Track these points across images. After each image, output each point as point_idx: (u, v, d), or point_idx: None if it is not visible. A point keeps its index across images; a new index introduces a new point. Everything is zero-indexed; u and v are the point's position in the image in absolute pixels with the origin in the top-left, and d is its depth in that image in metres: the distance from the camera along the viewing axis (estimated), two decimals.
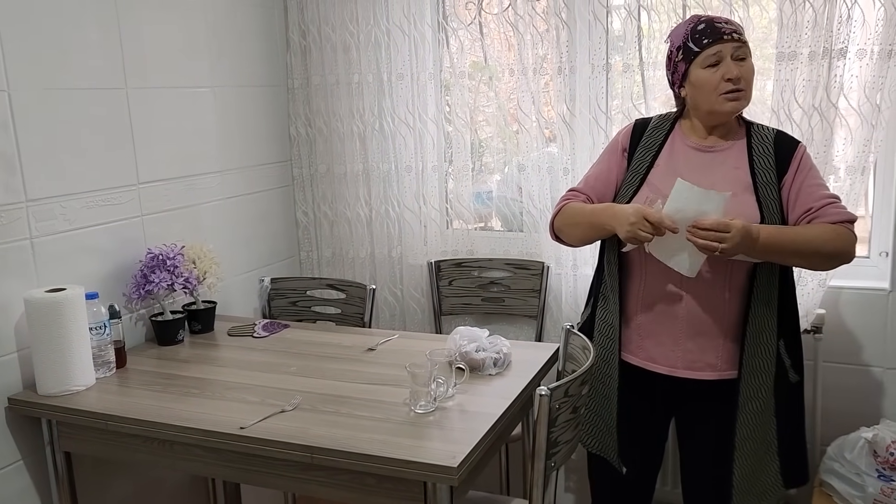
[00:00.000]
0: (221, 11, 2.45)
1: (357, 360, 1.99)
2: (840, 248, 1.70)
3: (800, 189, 1.76)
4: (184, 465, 1.71)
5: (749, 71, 1.75)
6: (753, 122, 1.86)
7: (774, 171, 1.78)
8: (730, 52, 1.74)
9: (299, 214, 2.83)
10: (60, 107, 1.93)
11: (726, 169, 1.80)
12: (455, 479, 1.39)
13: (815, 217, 1.72)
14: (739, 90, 1.74)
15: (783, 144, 1.80)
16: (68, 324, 1.78)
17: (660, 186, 1.80)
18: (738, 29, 1.76)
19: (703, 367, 1.81)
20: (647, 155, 1.87)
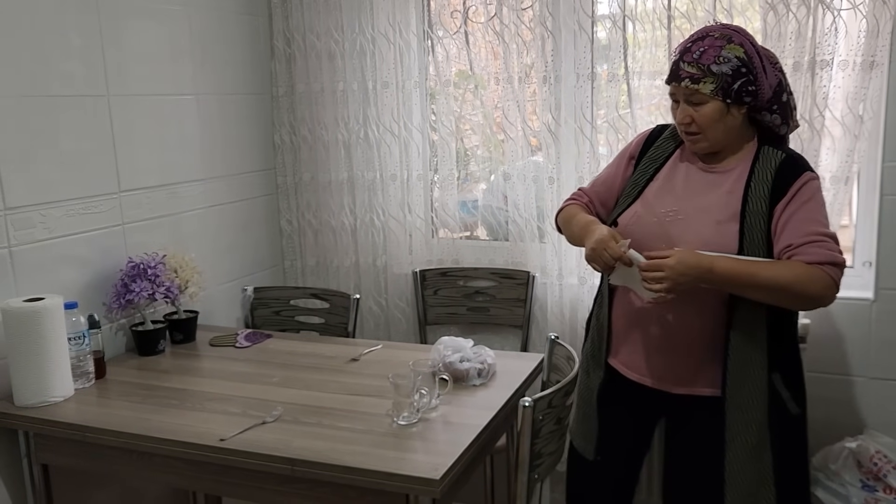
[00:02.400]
0: (206, 18, 2.43)
1: (340, 371, 1.97)
2: (812, 291, 1.58)
3: (787, 221, 1.64)
4: (164, 477, 1.69)
5: (703, 117, 1.65)
6: (767, 146, 1.71)
7: (768, 199, 1.66)
8: (682, 95, 1.67)
9: (283, 223, 2.81)
10: (40, 114, 1.91)
11: (720, 193, 1.72)
12: (437, 491, 1.38)
13: (794, 254, 1.60)
14: (693, 133, 1.69)
15: (786, 171, 1.66)
16: (47, 334, 1.75)
17: (653, 203, 1.76)
18: (701, 71, 1.62)
19: (673, 382, 1.75)
20: (650, 167, 1.82)
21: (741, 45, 1.63)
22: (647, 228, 1.72)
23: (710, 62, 1.62)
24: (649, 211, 1.74)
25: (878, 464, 2.04)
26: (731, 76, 1.62)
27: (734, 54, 1.62)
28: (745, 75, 1.63)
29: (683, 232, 1.68)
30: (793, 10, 2.01)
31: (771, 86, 1.68)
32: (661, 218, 1.72)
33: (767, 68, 1.67)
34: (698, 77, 1.63)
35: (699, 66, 1.63)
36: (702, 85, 1.62)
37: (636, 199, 1.79)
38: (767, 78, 1.67)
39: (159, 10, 2.26)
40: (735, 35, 1.65)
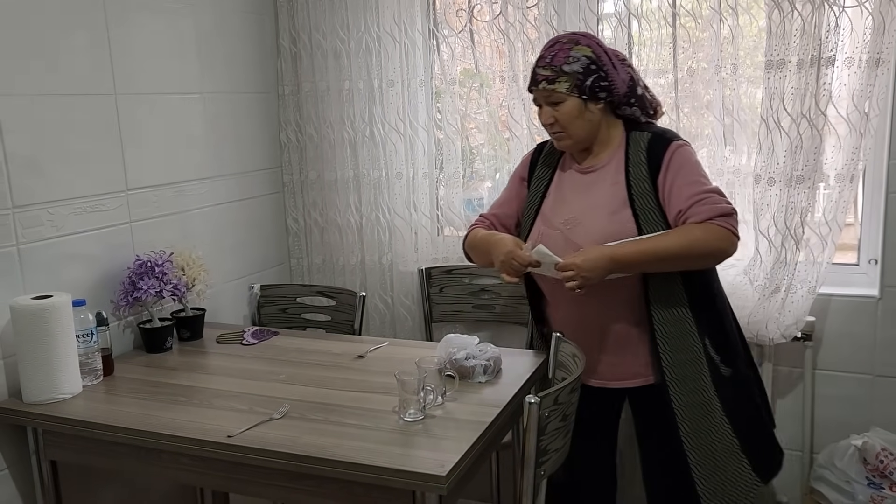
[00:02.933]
0: (212, 17, 2.44)
1: (346, 368, 1.98)
2: (712, 246, 1.70)
3: (670, 190, 1.77)
4: (171, 474, 1.70)
5: (564, 115, 1.80)
6: (633, 131, 1.87)
7: (649, 178, 1.80)
8: (542, 97, 1.83)
9: (289, 221, 2.82)
10: (48, 113, 1.92)
11: (605, 187, 1.84)
12: (444, 487, 1.38)
13: (686, 218, 1.73)
14: (557, 132, 1.83)
15: (656, 147, 1.82)
16: (55, 331, 1.76)
17: (551, 217, 1.89)
18: (555, 72, 1.77)
19: (631, 375, 1.88)
20: (540, 185, 1.96)
21: (588, 45, 1.80)
22: (553, 242, 1.82)
23: (561, 63, 1.78)
24: (550, 225, 1.88)
25: (884, 461, 2.03)
26: (582, 74, 1.78)
27: (582, 54, 1.79)
28: (596, 72, 1.78)
29: (585, 234, 1.81)
30: (798, 8, 2.01)
31: (624, 81, 1.84)
32: (562, 229, 1.86)
33: (617, 65, 1.83)
34: (553, 78, 1.78)
35: (552, 68, 1.79)
36: (557, 84, 1.78)
37: (536, 218, 1.92)
38: (619, 73, 1.82)
39: (166, 8, 2.27)
40: (582, 38, 1.83)
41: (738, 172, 2.23)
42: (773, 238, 2.14)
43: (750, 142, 2.21)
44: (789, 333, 2.17)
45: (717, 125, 2.21)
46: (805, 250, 2.14)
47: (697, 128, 2.25)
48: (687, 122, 2.24)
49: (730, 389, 1.83)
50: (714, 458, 1.81)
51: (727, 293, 2.20)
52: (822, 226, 2.11)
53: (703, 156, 2.28)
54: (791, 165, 2.09)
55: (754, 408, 1.90)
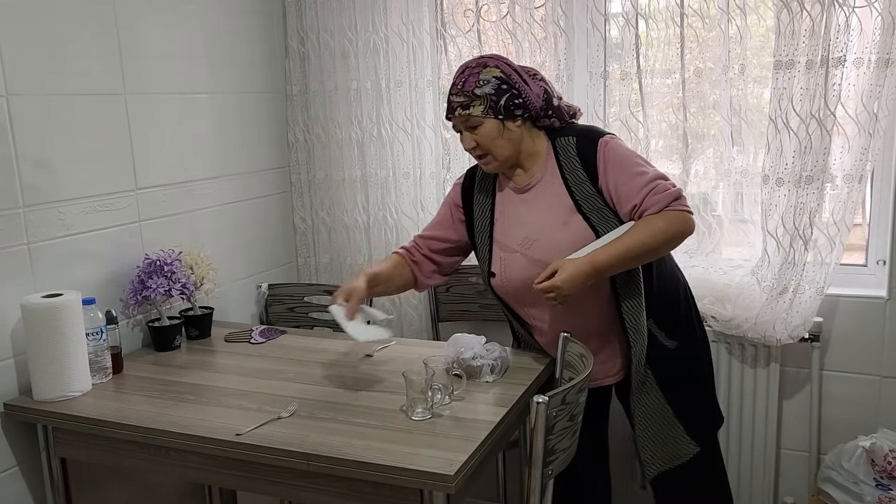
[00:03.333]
0: (220, 17, 2.45)
1: (354, 367, 1.98)
2: (675, 231, 1.76)
3: (616, 188, 1.79)
4: (180, 471, 1.71)
5: (483, 137, 1.81)
6: (558, 137, 1.88)
7: (588, 181, 1.82)
8: (460, 124, 1.84)
9: (297, 220, 2.83)
10: (58, 112, 1.93)
11: (548, 199, 1.87)
12: (452, 486, 1.39)
13: (643, 211, 1.76)
14: (482, 156, 1.85)
15: (585, 149, 1.83)
16: (65, 329, 1.77)
17: (506, 242, 1.91)
18: (468, 97, 1.79)
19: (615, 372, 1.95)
20: (484, 212, 1.97)
21: (496, 66, 1.82)
22: (518, 265, 1.87)
23: (472, 88, 1.80)
24: (508, 250, 1.90)
25: (893, 462, 2.03)
26: (494, 94, 1.79)
27: (492, 75, 1.80)
28: (508, 90, 1.80)
29: (544, 250, 1.83)
30: (807, 8, 2.00)
31: (538, 95, 1.85)
32: (521, 251, 1.88)
33: (529, 81, 1.84)
34: (466, 103, 1.80)
35: (464, 93, 1.80)
36: (472, 109, 1.80)
37: (492, 246, 1.94)
38: (532, 89, 1.84)
39: (175, 8, 2.28)
40: (490, 60, 1.84)
41: (746, 173, 2.23)
42: (780, 238, 2.14)
43: (757, 142, 2.21)
44: (797, 334, 2.17)
45: (724, 125, 2.21)
46: (813, 251, 2.14)
47: (704, 128, 2.25)
48: (693, 121, 2.24)
49: (669, 361, 1.91)
50: (652, 426, 1.92)
51: (734, 294, 2.22)
52: (831, 226, 2.11)
53: (709, 156, 2.28)
54: (800, 166, 2.08)
55: (693, 377, 1.97)
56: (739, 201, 2.27)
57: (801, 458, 2.32)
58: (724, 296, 2.24)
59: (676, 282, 1.98)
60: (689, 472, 1.94)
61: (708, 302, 2.26)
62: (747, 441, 2.32)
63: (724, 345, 2.30)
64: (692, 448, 1.93)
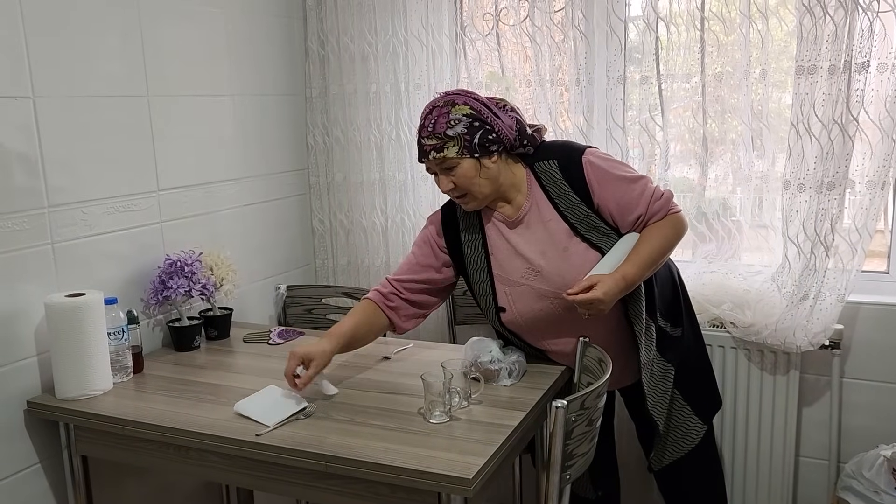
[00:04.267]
0: (242, 21, 2.47)
1: (372, 369, 1.99)
2: (679, 234, 1.82)
3: (614, 202, 1.80)
4: (199, 470, 1.72)
5: (461, 178, 1.77)
6: (536, 162, 1.85)
7: (582, 202, 1.81)
8: (435, 167, 1.79)
9: (315, 222, 2.85)
10: (83, 113, 1.95)
11: (542, 228, 1.84)
12: (470, 490, 1.39)
13: (648, 219, 1.80)
14: (461, 196, 1.81)
15: (570, 170, 1.81)
16: (87, 328, 1.80)
17: (509, 276, 1.87)
18: (440, 139, 1.74)
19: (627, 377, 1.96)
20: (477, 250, 1.91)
21: (465, 103, 1.76)
22: (528, 297, 1.85)
23: (443, 129, 1.74)
24: (512, 284, 1.87)
25: None
26: (468, 133, 1.74)
27: (462, 113, 1.74)
28: (480, 127, 1.75)
29: (549, 279, 1.82)
30: (830, 13, 1.99)
31: (511, 127, 1.81)
32: (526, 282, 1.85)
33: (500, 114, 1.80)
34: (440, 146, 1.75)
35: (436, 136, 1.75)
36: (446, 151, 1.74)
37: (494, 283, 1.89)
38: (504, 121, 1.79)
39: (197, 12, 2.30)
40: (457, 97, 1.78)
41: (766, 178, 2.21)
42: (801, 245, 2.12)
43: (776, 147, 2.19)
44: (817, 341, 2.15)
45: (744, 130, 2.20)
46: (834, 257, 2.12)
47: (723, 132, 2.24)
48: (713, 126, 2.23)
49: (675, 348, 1.94)
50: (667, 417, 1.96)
51: (754, 300, 2.21)
52: (852, 233, 2.09)
53: (727, 160, 2.27)
54: (822, 172, 2.07)
55: (697, 361, 2.02)
56: (759, 206, 2.25)
57: (820, 467, 2.30)
58: (743, 302, 2.23)
59: (669, 272, 2.01)
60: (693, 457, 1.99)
61: (727, 308, 2.25)
62: (766, 448, 2.30)
63: (743, 351, 2.28)
64: (700, 428, 1.97)
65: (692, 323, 2.04)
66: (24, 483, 1.84)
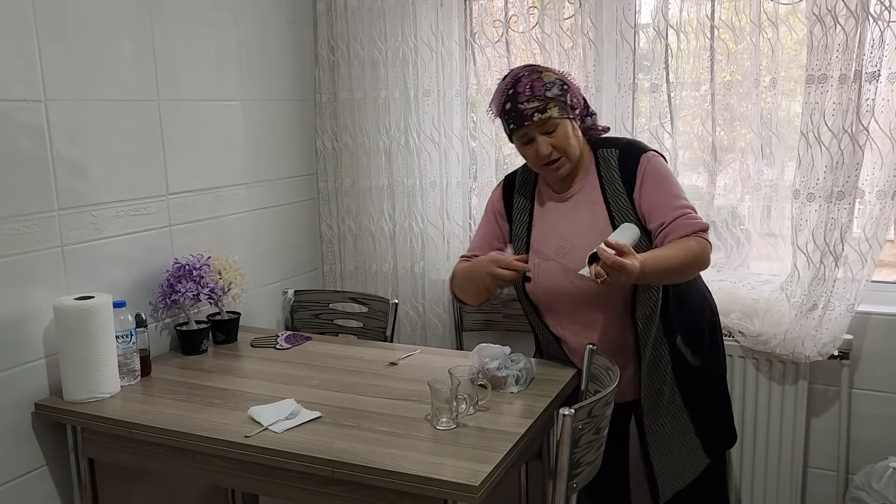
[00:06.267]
0: (252, 26, 2.49)
1: (379, 375, 1.99)
2: (702, 258, 1.79)
3: (650, 202, 1.81)
4: (205, 474, 1.72)
5: (561, 139, 1.80)
6: (600, 148, 1.89)
7: (625, 193, 1.83)
8: (537, 131, 1.80)
9: (323, 227, 2.85)
10: (94, 117, 1.97)
11: (586, 209, 1.87)
12: (477, 498, 1.39)
13: (668, 232, 1.78)
14: (556, 160, 1.82)
15: (627, 161, 1.85)
16: (96, 331, 1.80)
17: (542, 249, 1.91)
18: (542, 101, 1.77)
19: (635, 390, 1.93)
20: (522, 217, 1.97)
21: (548, 70, 1.84)
22: (553, 273, 1.88)
23: (542, 91, 1.79)
24: (543, 257, 1.90)
25: None
26: (562, 95, 1.80)
27: (552, 78, 1.81)
28: (568, 90, 1.83)
29: (580, 261, 1.78)
30: (840, 22, 1.98)
31: (579, 95, 1.89)
32: (556, 258, 1.89)
33: (570, 83, 1.87)
34: (542, 107, 1.78)
35: (537, 98, 1.78)
36: (549, 111, 1.78)
37: (528, 252, 1.94)
38: (575, 88, 1.88)
39: (208, 17, 2.31)
40: (537, 67, 1.85)
41: (776, 187, 2.20)
42: (811, 254, 2.11)
43: (786, 156, 2.19)
44: (826, 351, 2.14)
45: (753, 138, 2.19)
46: (844, 267, 2.11)
47: (732, 140, 2.24)
48: (722, 134, 2.23)
49: (695, 379, 1.92)
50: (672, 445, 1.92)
51: (762, 310, 2.20)
52: (862, 242, 2.08)
53: (735, 168, 2.26)
54: (831, 181, 2.06)
55: (714, 395, 2.00)
56: (768, 215, 2.25)
57: (829, 478, 2.28)
58: (752, 311, 2.22)
59: (704, 303, 1.99)
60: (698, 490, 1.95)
61: (735, 317, 2.24)
62: (774, 459, 2.29)
63: (751, 361, 2.27)
64: (704, 460, 1.94)
65: (716, 358, 2.00)
66: (30, 485, 1.85)
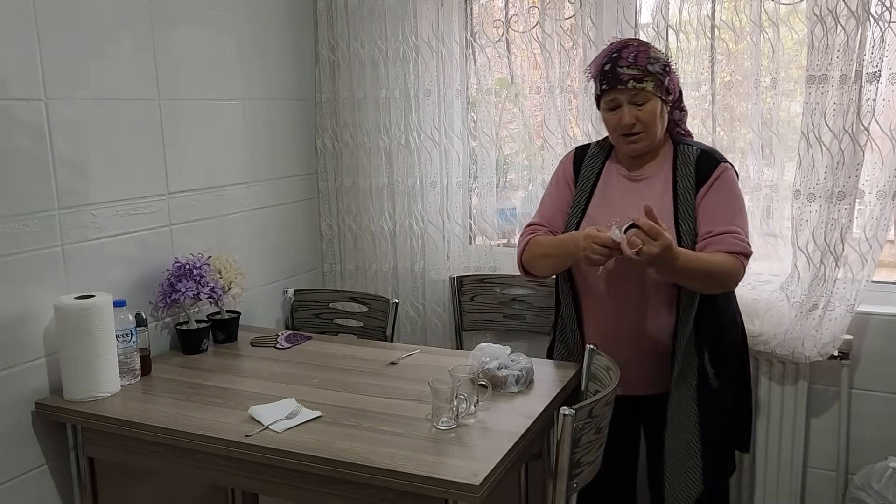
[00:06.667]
0: (252, 25, 2.48)
1: (379, 374, 1.99)
2: (734, 278, 1.78)
3: (709, 207, 1.81)
4: (204, 473, 1.72)
5: (648, 114, 1.80)
6: (681, 142, 1.90)
7: (694, 189, 1.83)
8: (626, 98, 1.80)
9: (324, 227, 2.85)
10: (94, 116, 1.96)
11: (653, 195, 1.86)
12: (477, 497, 1.39)
13: (712, 242, 1.77)
14: (635, 134, 1.82)
15: (705, 162, 1.85)
16: (96, 331, 1.80)
17: (596, 219, 1.90)
18: (641, 71, 1.76)
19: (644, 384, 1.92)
20: (586, 185, 1.96)
21: (657, 49, 1.84)
22: None
23: (645, 63, 1.78)
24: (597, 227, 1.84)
25: None
26: (661, 74, 1.80)
27: (658, 55, 1.82)
28: (668, 74, 1.82)
29: None
30: (841, 23, 1.99)
31: (677, 85, 1.89)
32: None
33: (672, 71, 1.87)
34: (640, 77, 1.77)
35: (637, 67, 1.77)
36: (645, 83, 1.78)
37: (582, 219, 1.92)
38: (676, 78, 1.88)
39: (208, 16, 2.31)
40: (648, 43, 1.85)
41: (776, 187, 2.20)
42: (811, 254, 2.11)
43: (785, 156, 2.19)
44: (826, 351, 2.14)
45: (754, 139, 2.19)
46: (844, 267, 2.11)
47: (731, 140, 2.24)
48: (722, 133, 2.23)
49: (712, 401, 1.89)
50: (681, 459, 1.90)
51: (762, 310, 2.20)
52: (863, 243, 2.08)
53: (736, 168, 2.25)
54: (832, 181, 2.06)
55: (728, 422, 1.96)
56: (768, 215, 2.25)
57: (828, 478, 2.28)
58: (752, 311, 2.22)
59: (735, 326, 1.97)
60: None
61: None
62: (773, 459, 2.29)
63: (751, 361, 2.27)
64: (698, 488, 1.90)
65: (737, 385, 1.98)
66: (30, 484, 1.85)
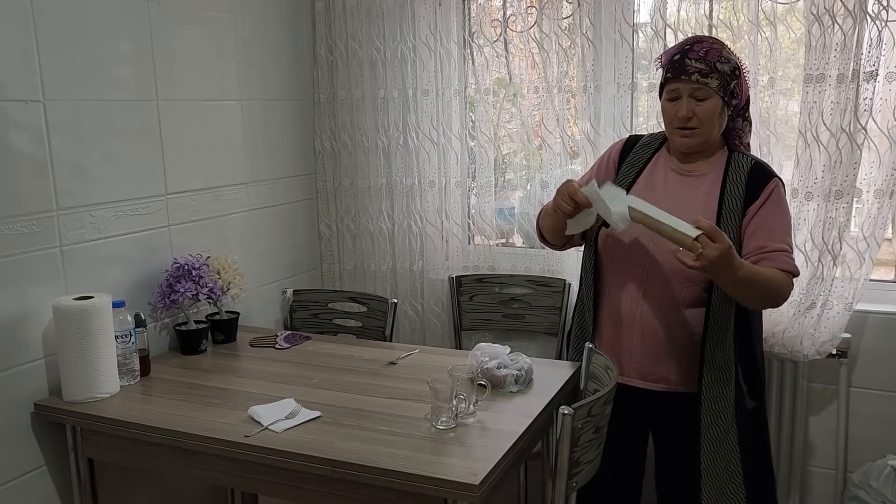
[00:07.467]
0: (250, 26, 2.49)
1: (378, 374, 1.99)
2: (779, 295, 1.75)
3: (761, 223, 1.77)
4: (204, 474, 1.72)
5: (706, 111, 1.76)
6: (736, 150, 1.87)
7: (742, 199, 1.79)
8: (688, 91, 1.77)
9: (322, 227, 2.85)
10: (93, 117, 1.96)
11: (699, 194, 1.84)
12: (477, 496, 1.39)
13: (765, 258, 1.73)
14: (690, 128, 1.79)
15: (757, 175, 1.81)
16: (95, 331, 1.80)
17: None
18: (709, 67, 1.73)
19: (655, 379, 1.86)
20: (630, 171, 1.94)
21: (731, 51, 1.81)
22: (638, 232, 1.80)
23: (715, 60, 1.75)
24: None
25: None
26: (729, 76, 1.76)
27: (730, 56, 1.78)
28: (737, 77, 1.78)
29: None
30: (838, 22, 1.99)
31: (746, 93, 1.85)
32: None
33: (743, 76, 1.83)
34: (706, 72, 1.74)
35: (706, 62, 1.75)
36: (710, 80, 1.74)
37: None
38: (745, 85, 1.84)
39: (207, 17, 2.31)
40: (724, 43, 1.81)
41: None
42: (809, 253, 2.12)
43: (783, 155, 2.19)
44: (824, 350, 2.15)
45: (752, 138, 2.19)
46: (842, 266, 2.12)
47: None
48: None
49: (748, 421, 1.84)
50: (720, 481, 1.83)
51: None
52: (860, 241, 2.09)
53: None
54: (829, 180, 2.07)
55: (762, 444, 1.90)
56: None
57: (827, 476, 2.29)
58: None
59: (762, 350, 1.94)
60: None
61: None
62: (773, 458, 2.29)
63: None
64: None
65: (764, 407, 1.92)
66: (30, 485, 1.85)
